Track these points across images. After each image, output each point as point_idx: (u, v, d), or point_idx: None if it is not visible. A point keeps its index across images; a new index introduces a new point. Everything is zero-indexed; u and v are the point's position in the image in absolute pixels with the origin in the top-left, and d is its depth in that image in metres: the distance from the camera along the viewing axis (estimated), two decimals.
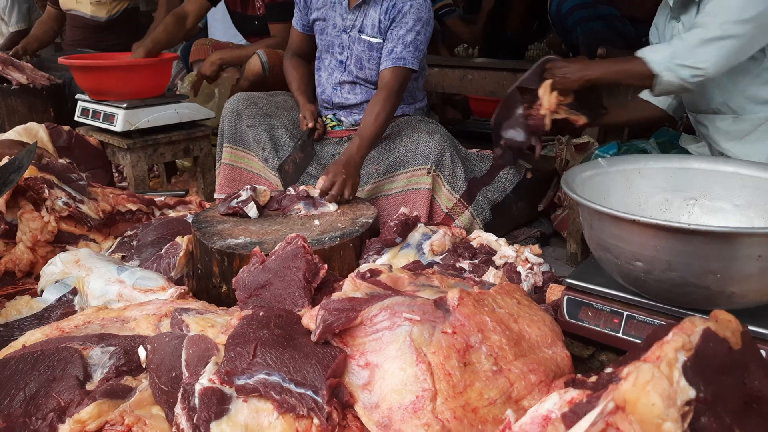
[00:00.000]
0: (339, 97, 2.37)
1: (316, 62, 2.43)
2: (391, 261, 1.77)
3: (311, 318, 1.15)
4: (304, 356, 1.06)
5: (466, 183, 2.21)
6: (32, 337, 1.31)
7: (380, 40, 2.22)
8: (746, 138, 1.74)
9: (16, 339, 1.33)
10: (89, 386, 1.13)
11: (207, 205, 2.36)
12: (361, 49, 2.25)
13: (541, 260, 1.69)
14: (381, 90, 2.15)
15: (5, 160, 1.90)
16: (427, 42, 2.23)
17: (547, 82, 1.74)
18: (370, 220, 1.86)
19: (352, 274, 1.28)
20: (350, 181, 1.97)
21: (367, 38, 2.23)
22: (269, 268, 1.44)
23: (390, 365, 1.04)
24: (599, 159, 1.52)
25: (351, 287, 1.23)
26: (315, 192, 1.96)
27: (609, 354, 1.38)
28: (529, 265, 1.63)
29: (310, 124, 2.28)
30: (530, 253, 1.68)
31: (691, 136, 1.99)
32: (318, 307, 1.14)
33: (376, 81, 2.30)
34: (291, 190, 1.97)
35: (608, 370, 0.84)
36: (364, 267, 1.34)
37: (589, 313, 1.37)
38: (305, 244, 1.46)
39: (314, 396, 1.00)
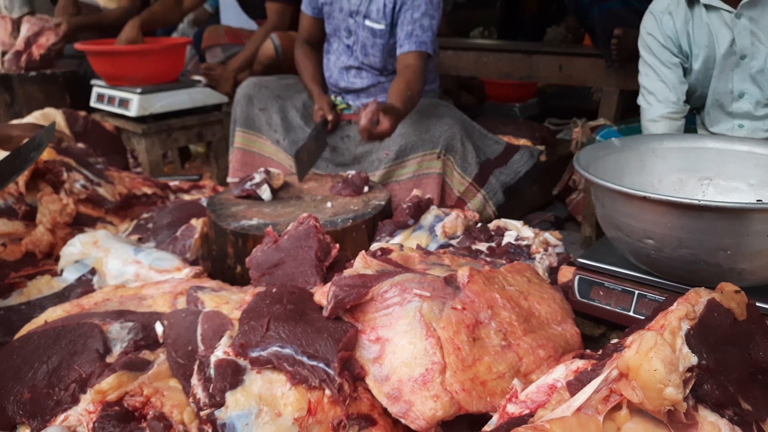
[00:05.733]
0: (345, 82, 2.35)
1: (325, 46, 2.42)
2: (404, 243, 1.78)
3: (323, 294, 1.18)
4: (317, 330, 1.08)
5: (477, 166, 2.20)
6: (54, 313, 1.35)
7: (383, 27, 2.18)
8: None
9: (38, 316, 1.37)
10: (109, 359, 1.17)
11: (220, 189, 2.39)
12: (365, 36, 2.23)
13: (559, 242, 1.69)
14: (406, 69, 2.07)
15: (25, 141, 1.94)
16: (439, 25, 2.21)
17: None
18: (383, 203, 1.87)
19: (363, 252, 1.29)
20: (390, 117, 1.85)
21: (371, 24, 2.19)
22: (282, 247, 1.47)
23: (400, 339, 1.06)
24: (613, 139, 1.51)
25: (362, 264, 1.25)
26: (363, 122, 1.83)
27: (620, 333, 1.38)
28: (545, 246, 1.64)
29: (329, 117, 2.24)
30: (551, 236, 1.68)
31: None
32: (330, 283, 1.16)
33: (380, 68, 2.28)
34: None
35: (614, 341, 0.85)
36: (375, 246, 1.36)
37: (601, 293, 1.37)
38: (317, 224, 1.48)
39: (326, 368, 1.02)
